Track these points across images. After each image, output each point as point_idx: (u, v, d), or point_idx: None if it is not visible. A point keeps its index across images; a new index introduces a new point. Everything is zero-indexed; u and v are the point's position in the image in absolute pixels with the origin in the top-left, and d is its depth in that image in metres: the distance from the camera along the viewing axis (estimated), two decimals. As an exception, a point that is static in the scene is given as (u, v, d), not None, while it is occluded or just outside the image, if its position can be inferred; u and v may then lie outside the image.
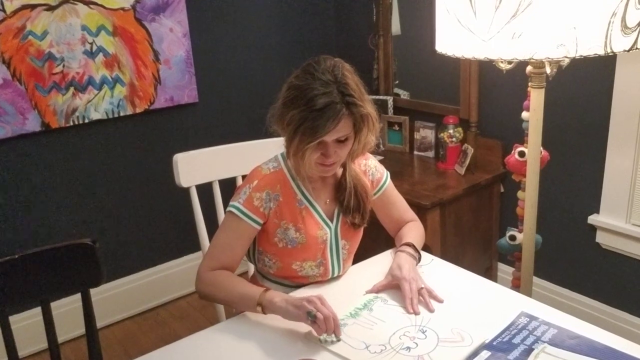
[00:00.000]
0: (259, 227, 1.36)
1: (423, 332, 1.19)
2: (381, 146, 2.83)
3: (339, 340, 1.17)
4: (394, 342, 1.16)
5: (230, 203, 1.36)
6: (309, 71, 1.25)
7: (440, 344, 1.15)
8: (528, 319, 1.18)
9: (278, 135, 1.34)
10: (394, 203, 1.55)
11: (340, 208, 1.42)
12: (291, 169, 1.37)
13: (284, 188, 1.36)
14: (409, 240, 1.46)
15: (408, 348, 1.14)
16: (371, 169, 1.49)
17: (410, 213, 1.58)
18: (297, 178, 1.38)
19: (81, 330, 1.47)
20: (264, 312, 1.24)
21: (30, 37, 2.17)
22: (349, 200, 1.40)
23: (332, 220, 1.42)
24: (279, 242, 1.37)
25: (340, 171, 1.42)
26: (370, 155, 1.50)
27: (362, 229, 1.49)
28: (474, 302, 1.30)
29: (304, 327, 1.20)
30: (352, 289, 1.38)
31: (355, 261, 1.53)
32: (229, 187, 1.71)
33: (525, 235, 1.74)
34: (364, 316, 1.26)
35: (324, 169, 1.32)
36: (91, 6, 2.28)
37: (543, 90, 1.56)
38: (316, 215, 1.39)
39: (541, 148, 1.66)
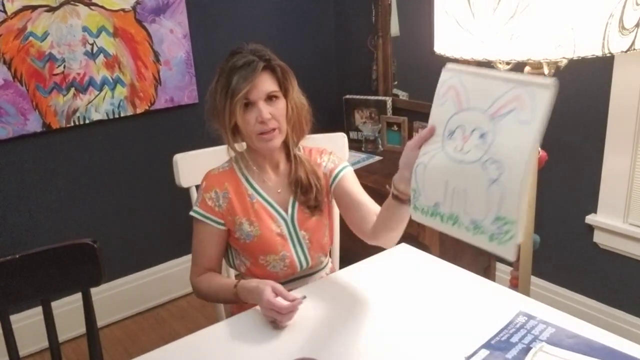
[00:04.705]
0: (223, 227, 1.39)
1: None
2: (380, 146, 2.84)
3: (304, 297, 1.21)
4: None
5: (192, 209, 1.41)
6: (231, 53, 1.35)
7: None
8: (526, 318, 1.19)
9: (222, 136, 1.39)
10: (357, 193, 1.39)
11: (294, 191, 1.41)
12: (242, 166, 1.40)
13: (233, 185, 1.39)
14: None
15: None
16: (325, 162, 1.47)
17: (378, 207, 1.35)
18: (247, 174, 1.40)
19: (82, 329, 1.47)
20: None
21: (31, 38, 2.17)
22: (302, 179, 1.40)
23: (286, 211, 1.42)
24: (239, 238, 1.40)
25: (285, 156, 1.44)
26: (329, 150, 1.50)
27: (322, 220, 1.46)
28: (472, 302, 1.30)
29: (304, 327, 1.21)
30: (349, 290, 1.38)
31: (348, 263, 1.51)
32: (228, 187, 1.71)
33: (524, 235, 1.74)
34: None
35: (265, 137, 1.33)
36: (92, 7, 2.28)
37: (541, 91, 1.56)
38: (269, 208, 1.40)
39: (539, 148, 1.67)
